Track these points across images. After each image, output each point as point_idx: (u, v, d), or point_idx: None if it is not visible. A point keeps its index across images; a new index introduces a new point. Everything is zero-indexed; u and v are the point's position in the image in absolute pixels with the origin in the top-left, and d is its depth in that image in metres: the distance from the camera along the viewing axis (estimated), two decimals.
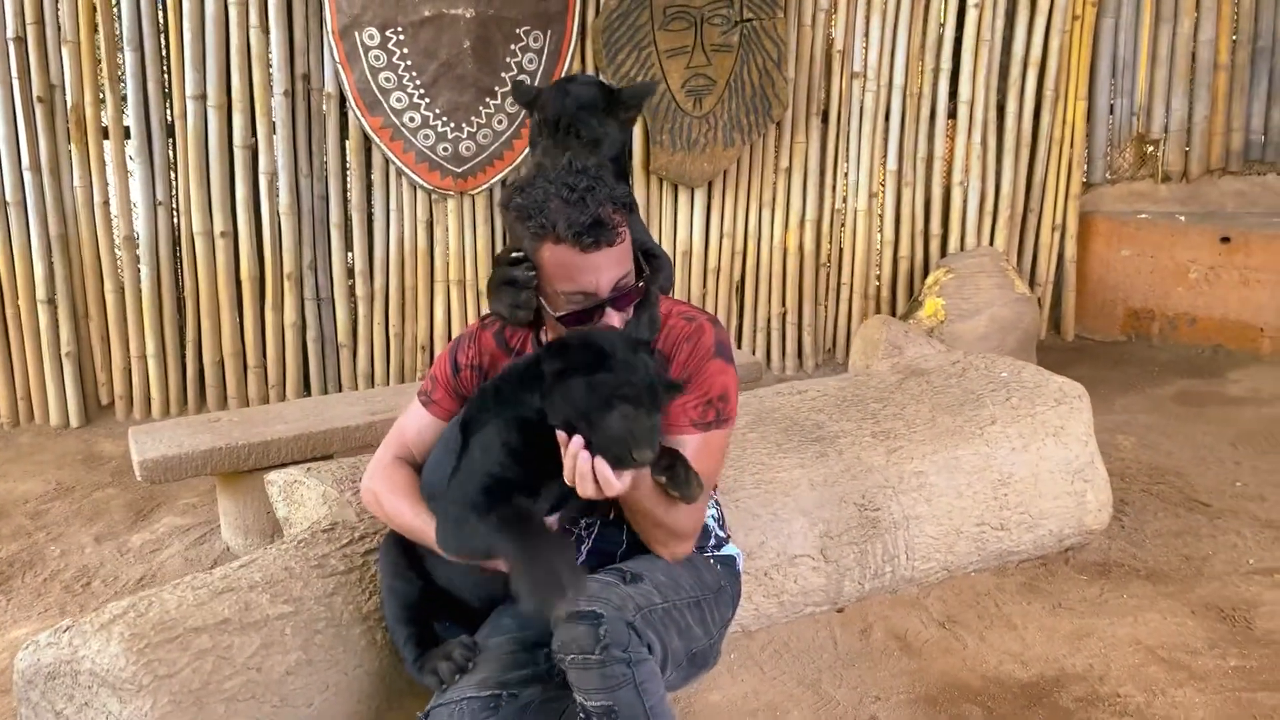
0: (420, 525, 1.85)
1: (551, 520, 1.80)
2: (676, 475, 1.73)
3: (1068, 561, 3.04)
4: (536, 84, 4.31)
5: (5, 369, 4.21)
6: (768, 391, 3.08)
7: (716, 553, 2.06)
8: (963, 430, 2.88)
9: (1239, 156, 5.37)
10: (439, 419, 1.99)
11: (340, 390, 4.50)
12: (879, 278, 5.11)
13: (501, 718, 1.71)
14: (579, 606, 1.65)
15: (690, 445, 1.85)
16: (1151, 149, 5.42)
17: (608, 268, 1.79)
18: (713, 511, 2.09)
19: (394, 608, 1.93)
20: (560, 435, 1.67)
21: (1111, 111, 5.34)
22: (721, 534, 2.09)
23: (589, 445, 1.65)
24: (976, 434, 2.87)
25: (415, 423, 2.03)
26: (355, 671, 2.00)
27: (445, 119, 4.26)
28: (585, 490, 1.65)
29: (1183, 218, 5.15)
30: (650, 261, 1.98)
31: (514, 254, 1.88)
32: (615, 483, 1.64)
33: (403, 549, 1.95)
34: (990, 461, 2.84)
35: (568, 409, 1.68)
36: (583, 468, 1.64)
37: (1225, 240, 4.97)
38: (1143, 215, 5.23)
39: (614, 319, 1.83)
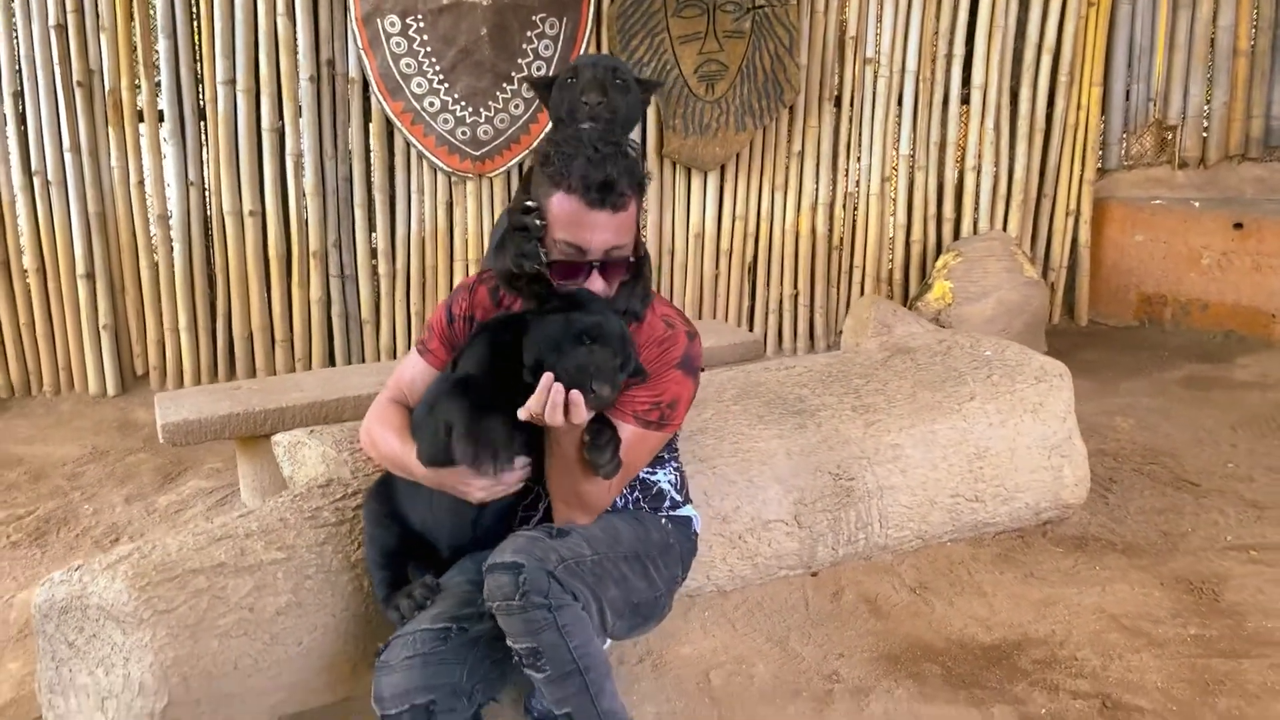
0: (404, 452, 1.99)
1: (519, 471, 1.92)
2: (599, 441, 1.85)
3: (1045, 534, 3.13)
4: (552, 69, 4.45)
5: (47, 340, 4.45)
6: (757, 367, 3.20)
7: (671, 514, 2.18)
8: (941, 405, 2.98)
9: (1259, 143, 5.37)
10: (433, 367, 2.13)
11: (365, 363, 4.68)
12: (891, 261, 5.19)
13: (450, 648, 1.86)
14: (502, 557, 1.80)
15: (624, 433, 1.96)
16: (1170, 135, 5.43)
17: (605, 230, 1.92)
18: (670, 476, 2.21)
19: (372, 552, 2.09)
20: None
21: (1128, 97, 5.37)
22: (678, 497, 2.21)
23: (556, 376, 1.79)
24: (955, 409, 2.97)
25: (410, 370, 2.17)
26: (342, 614, 2.16)
27: (464, 104, 4.42)
28: (555, 419, 1.77)
29: (1197, 204, 5.17)
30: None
31: (527, 203, 2.01)
32: (584, 409, 1.77)
33: (384, 499, 2.11)
34: (967, 436, 2.94)
35: (543, 339, 1.84)
36: (555, 397, 1.76)
37: (1238, 226, 4.99)
38: (1157, 201, 5.26)
39: (597, 283, 1.95)
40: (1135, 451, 3.81)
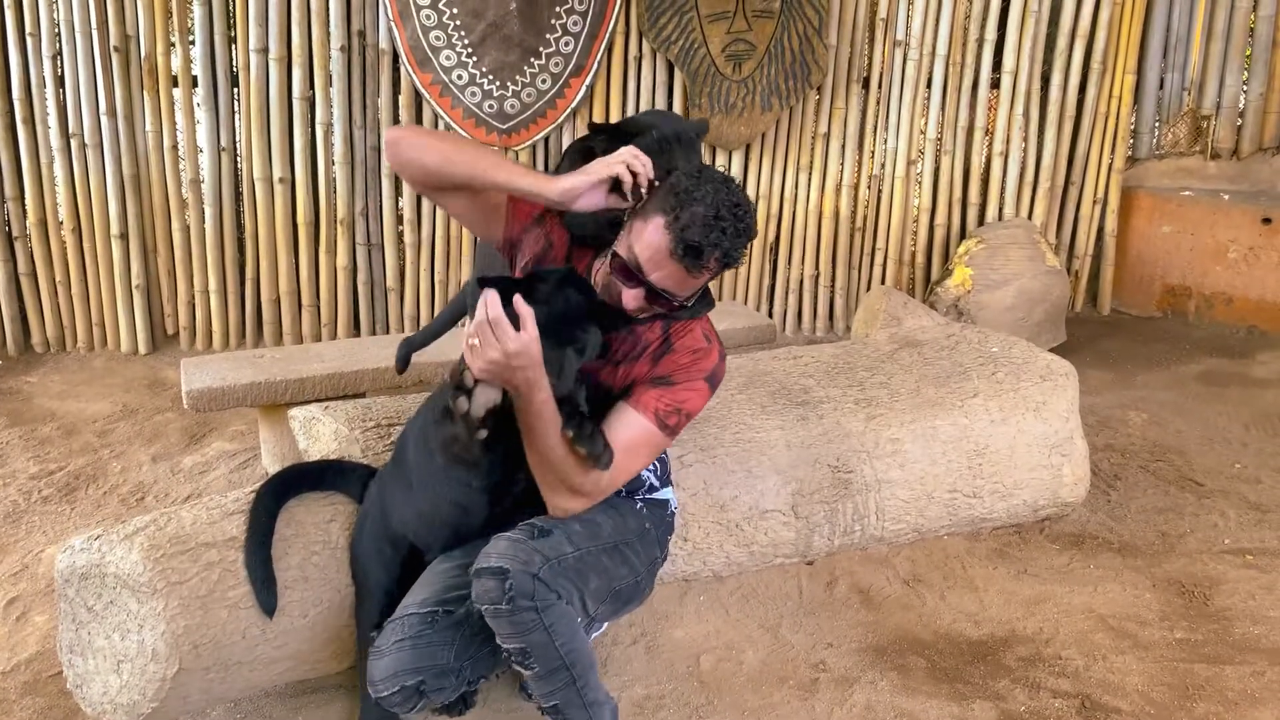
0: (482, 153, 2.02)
1: None
2: (584, 432, 1.89)
3: (1042, 531, 3.17)
4: (579, 45, 4.48)
5: (82, 298, 4.58)
6: (765, 355, 3.25)
7: (647, 496, 2.25)
8: (944, 401, 3.02)
9: None
10: (509, 222, 2.14)
11: (388, 331, 4.78)
12: (914, 244, 5.20)
13: (437, 630, 1.97)
14: (490, 564, 1.87)
15: (636, 426, 2.01)
16: (1205, 124, 5.37)
17: (671, 279, 1.93)
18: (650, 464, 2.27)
19: (370, 606, 2.18)
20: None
21: (1162, 86, 5.32)
22: (655, 482, 2.28)
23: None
24: (957, 405, 3.01)
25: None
26: (346, 589, 2.25)
27: (491, 77, 4.46)
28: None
29: (1226, 196, 5.12)
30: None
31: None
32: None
33: (381, 525, 2.20)
34: (968, 432, 2.99)
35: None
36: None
37: (1267, 221, 4.95)
38: (1186, 192, 5.21)
39: (636, 298, 1.97)
40: (1144, 448, 3.83)
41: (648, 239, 1.92)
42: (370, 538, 2.20)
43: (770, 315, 5.09)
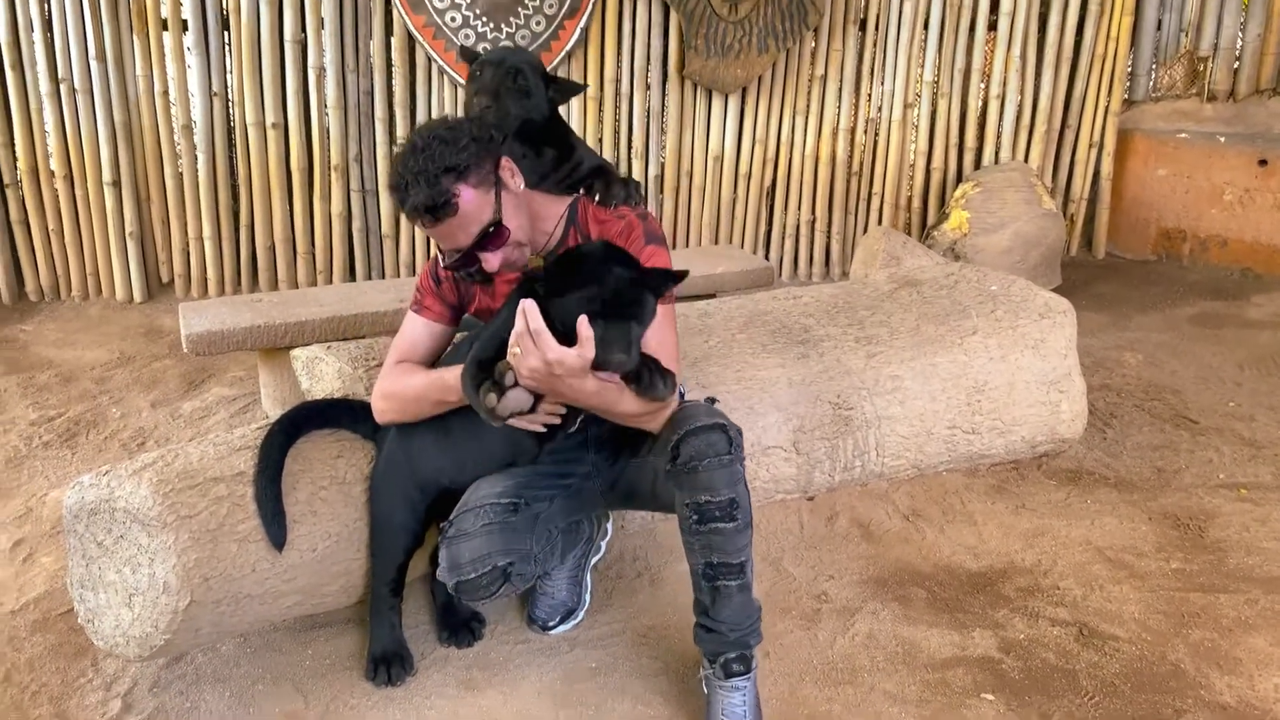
0: (428, 382, 2.10)
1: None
2: (644, 382, 1.95)
3: (1040, 467, 3.20)
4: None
5: (75, 246, 4.55)
6: (765, 295, 3.26)
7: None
8: (944, 339, 3.03)
9: None
10: (432, 321, 2.25)
11: (384, 278, 4.77)
12: (910, 188, 5.19)
13: (521, 519, 2.07)
14: (701, 422, 1.96)
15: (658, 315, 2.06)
16: (1201, 66, 5.35)
17: (443, 237, 2.01)
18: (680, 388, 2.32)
19: (396, 547, 2.25)
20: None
21: (1159, 27, 5.28)
22: (683, 390, 2.37)
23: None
24: (957, 343, 3.03)
25: (410, 330, 2.27)
26: (355, 524, 2.27)
27: (485, 19, 4.42)
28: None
29: (1222, 138, 5.12)
30: (601, 177, 2.23)
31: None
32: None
33: (403, 473, 2.23)
34: (967, 369, 3.00)
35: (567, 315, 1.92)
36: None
37: (1263, 163, 4.95)
38: (1182, 135, 5.20)
39: (493, 261, 2.03)
40: (1139, 387, 3.86)
41: (421, 230, 2.06)
42: (397, 483, 2.23)
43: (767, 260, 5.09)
